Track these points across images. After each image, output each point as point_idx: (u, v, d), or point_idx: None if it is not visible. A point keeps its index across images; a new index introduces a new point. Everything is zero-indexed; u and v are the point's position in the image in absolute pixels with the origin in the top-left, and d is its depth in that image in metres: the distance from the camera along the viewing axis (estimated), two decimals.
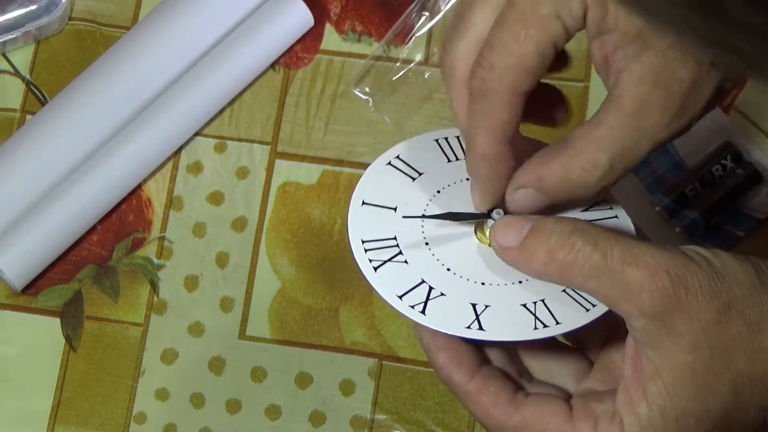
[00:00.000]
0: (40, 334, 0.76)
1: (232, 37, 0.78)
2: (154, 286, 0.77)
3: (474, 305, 0.50)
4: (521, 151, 0.51)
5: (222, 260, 0.77)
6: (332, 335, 0.75)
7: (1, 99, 0.80)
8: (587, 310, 0.49)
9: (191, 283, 0.77)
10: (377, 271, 0.51)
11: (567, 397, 0.52)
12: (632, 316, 0.48)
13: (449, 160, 0.56)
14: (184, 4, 0.79)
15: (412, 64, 0.79)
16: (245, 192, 0.78)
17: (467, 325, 0.49)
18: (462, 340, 0.51)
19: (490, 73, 0.49)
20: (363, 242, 0.53)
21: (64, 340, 0.76)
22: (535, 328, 0.49)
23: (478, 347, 0.52)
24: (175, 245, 0.77)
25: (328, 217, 0.77)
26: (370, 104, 0.79)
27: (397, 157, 0.56)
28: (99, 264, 0.77)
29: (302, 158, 0.79)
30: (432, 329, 0.50)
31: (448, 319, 0.50)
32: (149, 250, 0.77)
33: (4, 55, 0.81)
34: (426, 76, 0.79)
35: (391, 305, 0.51)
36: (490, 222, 0.52)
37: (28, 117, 0.80)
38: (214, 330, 0.76)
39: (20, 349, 0.76)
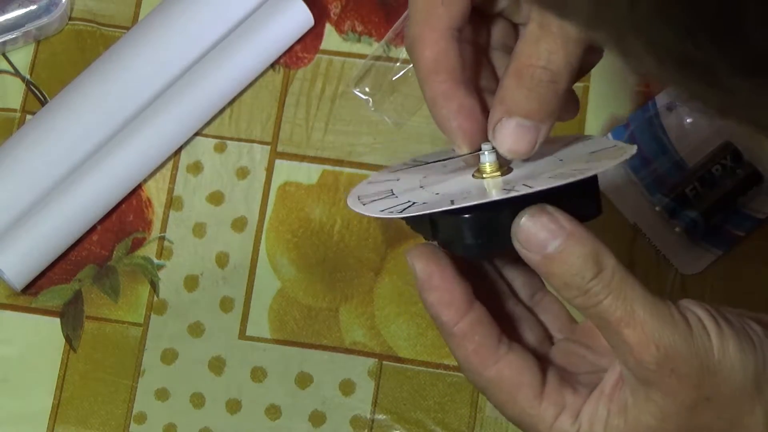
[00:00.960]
0: (40, 334, 0.76)
1: (232, 37, 0.78)
2: (154, 286, 0.77)
3: (452, 200, 0.49)
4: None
5: (222, 260, 0.77)
6: (332, 335, 0.75)
7: (1, 99, 0.80)
8: (566, 178, 0.48)
9: (191, 283, 0.77)
10: (365, 205, 0.51)
11: (545, 350, 0.52)
12: (621, 362, 0.49)
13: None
14: (184, 4, 0.79)
15: (412, 64, 0.79)
16: (245, 192, 0.78)
17: (442, 209, 0.48)
18: (456, 280, 0.50)
19: (407, 26, 0.51)
20: (359, 197, 0.52)
21: (64, 340, 0.76)
22: (507, 193, 0.48)
23: (471, 287, 0.51)
24: (175, 245, 0.77)
25: (328, 217, 0.77)
26: (370, 104, 0.79)
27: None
28: (99, 264, 0.77)
29: (302, 158, 0.79)
30: (410, 216, 0.49)
31: (393, 207, 0.49)
32: (149, 250, 0.77)
33: (4, 55, 0.81)
34: None
35: (367, 214, 0.50)
36: (483, 158, 0.51)
37: (28, 117, 0.80)
38: (214, 330, 0.76)
39: (20, 349, 0.76)
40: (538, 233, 0.48)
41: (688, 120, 0.77)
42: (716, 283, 0.74)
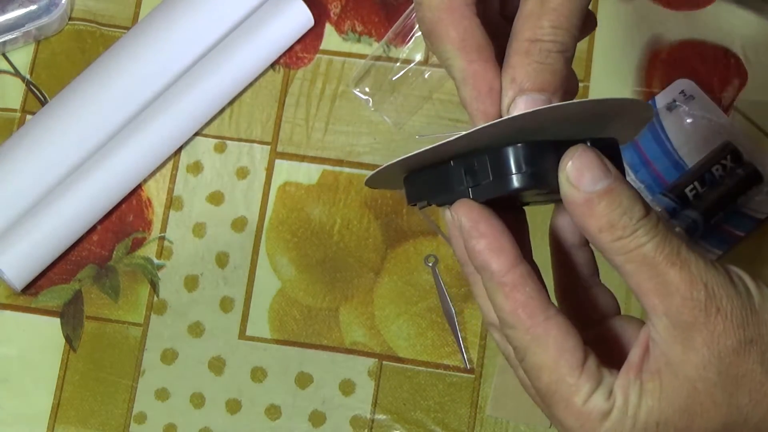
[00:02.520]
0: (40, 334, 0.76)
1: (232, 37, 0.78)
2: (154, 286, 0.77)
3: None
4: None
5: (222, 260, 0.77)
6: (332, 335, 0.75)
7: (1, 99, 0.80)
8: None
9: (191, 283, 0.77)
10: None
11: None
12: (656, 313, 0.47)
13: None
14: (184, 4, 0.79)
15: (412, 64, 0.79)
16: (245, 192, 0.78)
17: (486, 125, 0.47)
18: (503, 229, 0.48)
19: (421, 11, 0.49)
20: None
21: (64, 340, 0.76)
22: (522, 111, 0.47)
23: (520, 242, 0.50)
24: (175, 245, 0.77)
25: (328, 217, 0.77)
26: (370, 104, 0.79)
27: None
28: (99, 264, 0.77)
29: (302, 158, 0.79)
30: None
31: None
32: (149, 250, 0.77)
33: (4, 55, 0.81)
34: (426, 75, 0.79)
35: (391, 162, 0.49)
36: None
37: (28, 117, 0.80)
38: (214, 330, 0.76)
39: (20, 349, 0.76)
40: (590, 169, 0.47)
41: (688, 120, 0.77)
42: None
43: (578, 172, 0.47)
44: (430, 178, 0.50)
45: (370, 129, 0.79)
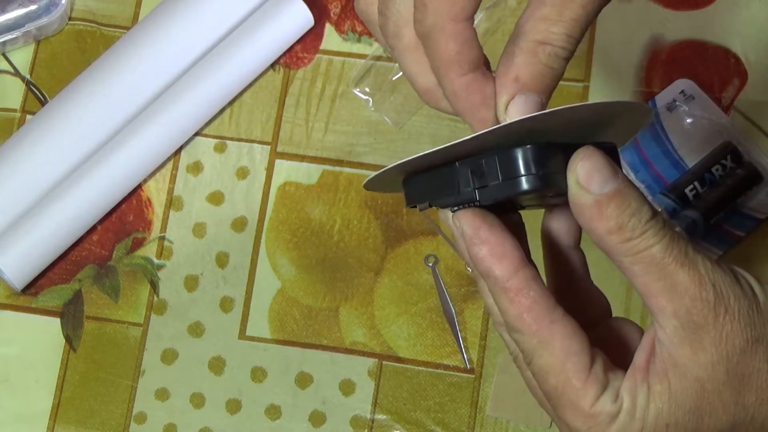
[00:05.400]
0: (40, 334, 0.76)
1: (232, 37, 0.78)
2: (154, 286, 0.77)
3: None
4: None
5: (222, 260, 0.77)
6: (332, 335, 0.75)
7: (1, 99, 0.80)
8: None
9: (191, 283, 0.77)
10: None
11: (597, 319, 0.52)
12: (665, 315, 0.47)
13: None
14: (184, 4, 0.79)
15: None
16: (245, 192, 0.78)
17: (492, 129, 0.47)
18: (506, 235, 0.49)
19: (424, 13, 0.49)
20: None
21: (64, 340, 0.76)
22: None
23: (524, 246, 0.50)
24: (175, 245, 0.77)
25: (328, 217, 0.77)
26: (370, 104, 0.79)
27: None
28: (99, 264, 0.77)
29: (302, 158, 0.79)
30: (426, 154, 0.48)
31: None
32: (149, 250, 0.77)
33: (4, 55, 0.81)
34: None
35: (392, 164, 0.49)
36: None
37: (28, 117, 0.80)
38: (214, 330, 0.76)
39: (20, 349, 0.76)
40: (599, 171, 0.47)
41: (688, 120, 0.77)
42: None
43: (588, 174, 0.47)
44: (433, 180, 0.50)
45: (370, 129, 0.79)
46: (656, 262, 0.47)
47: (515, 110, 0.49)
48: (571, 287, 0.53)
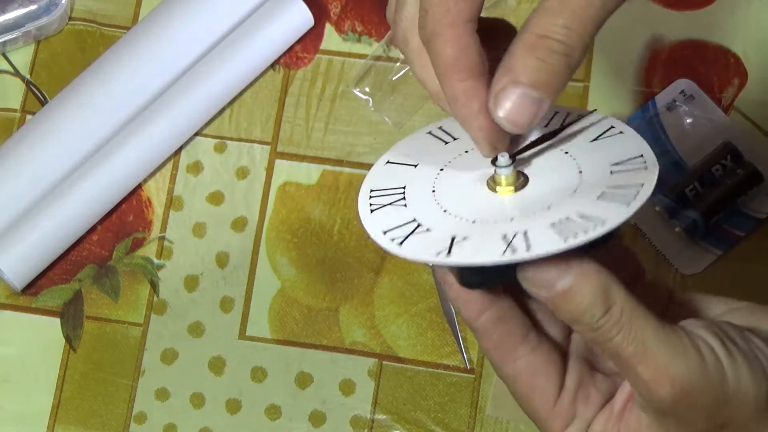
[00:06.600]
0: (40, 334, 0.76)
1: (232, 37, 0.78)
2: (154, 286, 0.77)
3: (453, 237, 0.48)
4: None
5: (222, 260, 0.77)
6: (332, 335, 0.75)
7: (1, 99, 0.80)
8: (565, 240, 0.46)
9: (191, 283, 0.77)
10: (373, 213, 0.51)
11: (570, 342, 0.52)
12: (634, 394, 0.49)
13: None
14: (184, 4, 0.79)
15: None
16: (245, 192, 0.78)
17: (436, 253, 0.47)
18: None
19: (425, 19, 0.49)
20: (371, 191, 0.52)
21: (64, 340, 0.76)
22: (502, 254, 0.46)
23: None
24: (175, 245, 0.77)
25: (328, 217, 0.77)
26: (370, 104, 0.79)
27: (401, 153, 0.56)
28: (99, 264, 0.77)
29: (302, 158, 0.79)
30: (407, 258, 0.48)
31: (421, 249, 0.48)
32: (149, 250, 0.77)
33: (4, 55, 0.81)
34: None
35: (373, 239, 0.49)
36: (500, 171, 0.50)
37: (28, 117, 0.80)
38: (214, 330, 0.76)
39: (20, 349, 0.76)
40: (545, 272, 0.47)
41: (688, 120, 0.77)
42: (716, 283, 0.74)
43: (534, 276, 0.48)
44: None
45: (370, 129, 0.79)
46: (618, 354, 0.47)
47: (505, 101, 0.48)
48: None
